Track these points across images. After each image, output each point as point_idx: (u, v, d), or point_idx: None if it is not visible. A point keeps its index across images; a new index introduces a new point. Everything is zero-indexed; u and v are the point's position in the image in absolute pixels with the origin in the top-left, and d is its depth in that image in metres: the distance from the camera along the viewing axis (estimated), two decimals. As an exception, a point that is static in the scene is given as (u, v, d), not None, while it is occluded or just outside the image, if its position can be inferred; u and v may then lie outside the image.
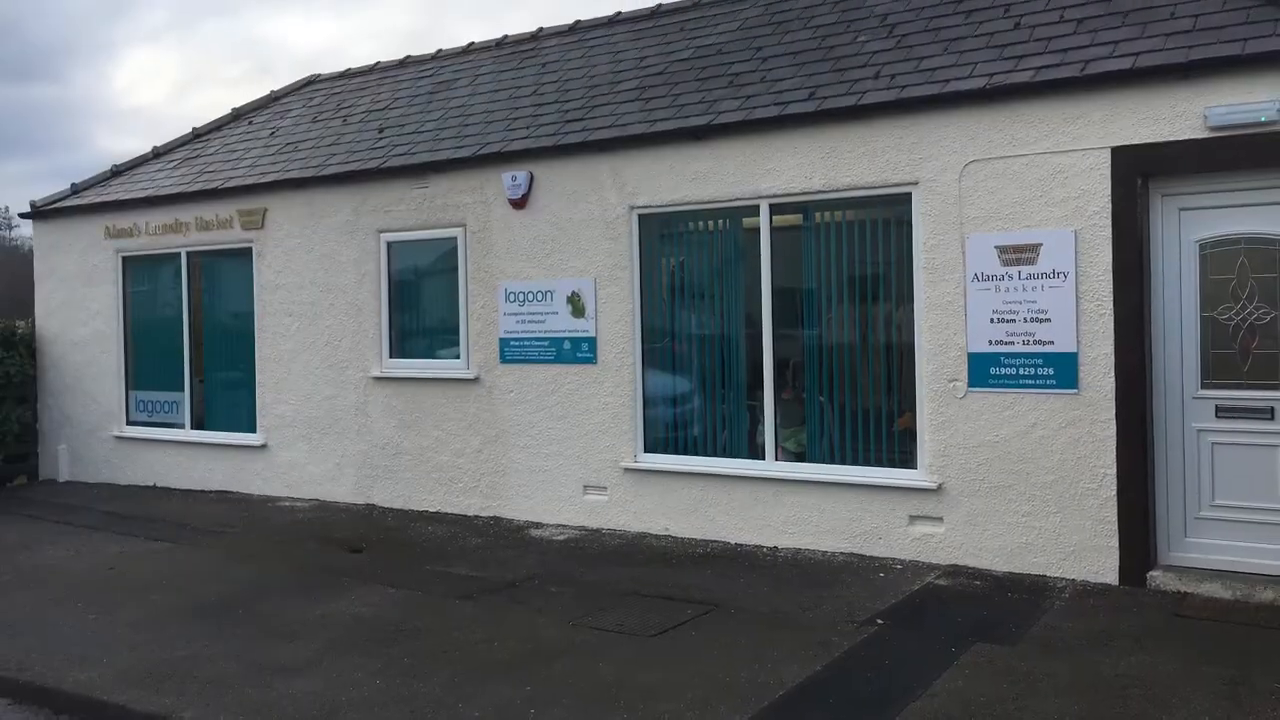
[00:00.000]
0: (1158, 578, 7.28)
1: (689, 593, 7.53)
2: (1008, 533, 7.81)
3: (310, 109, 13.66)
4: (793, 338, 8.85)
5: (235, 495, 11.91)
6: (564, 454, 9.82)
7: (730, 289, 9.16)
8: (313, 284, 11.40)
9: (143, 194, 12.77)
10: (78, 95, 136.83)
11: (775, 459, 8.89)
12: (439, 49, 13.86)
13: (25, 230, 46.68)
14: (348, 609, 7.40)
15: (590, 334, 9.65)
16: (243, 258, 11.99)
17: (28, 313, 14.38)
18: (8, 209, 57.12)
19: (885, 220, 8.42)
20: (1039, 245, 7.65)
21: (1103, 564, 7.46)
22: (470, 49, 13.43)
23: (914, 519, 8.19)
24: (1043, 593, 7.29)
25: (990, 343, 7.86)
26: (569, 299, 9.73)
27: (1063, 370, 7.60)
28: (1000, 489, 7.83)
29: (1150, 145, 7.29)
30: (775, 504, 8.77)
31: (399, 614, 7.25)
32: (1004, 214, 7.80)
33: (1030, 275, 7.69)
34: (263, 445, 11.83)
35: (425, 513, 10.56)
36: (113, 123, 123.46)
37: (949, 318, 8.03)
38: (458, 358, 10.50)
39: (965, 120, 7.93)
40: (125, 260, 12.98)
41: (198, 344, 12.55)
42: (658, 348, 9.51)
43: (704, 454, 9.26)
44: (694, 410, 9.37)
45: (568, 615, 7.09)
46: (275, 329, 11.70)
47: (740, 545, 8.84)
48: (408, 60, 14.00)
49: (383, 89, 13.29)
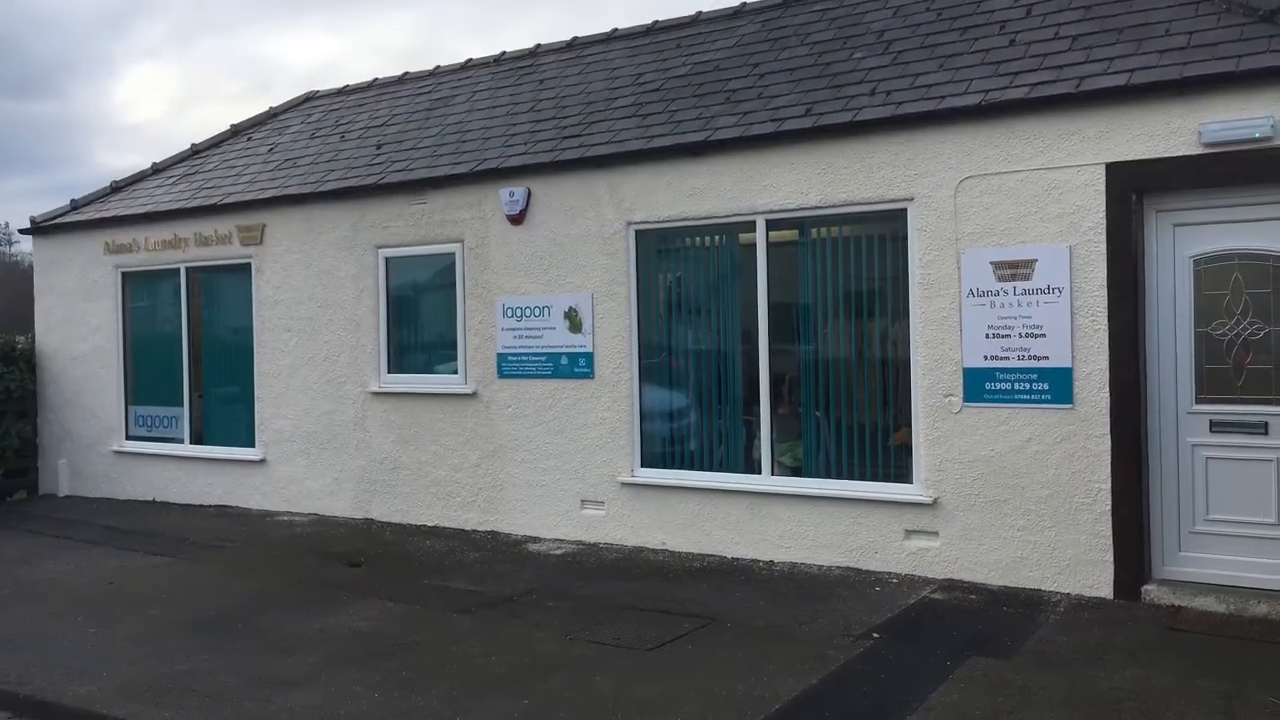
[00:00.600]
0: (1152, 592, 7.31)
1: (686, 607, 7.55)
2: (1003, 547, 7.83)
3: (309, 125, 13.72)
4: (789, 353, 8.89)
5: (234, 510, 11.93)
6: (561, 469, 9.85)
7: (727, 304, 9.20)
8: (311, 299, 11.43)
9: (142, 210, 12.82)
10: (78, 111, 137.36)
11: (771, 474, 8.91)
12: (437, 65, 13.92)
13: (25, 246, 46.70)
14: (346, 623, 7.42)
15: (587, 349, 9.68)
16: (242, 273, 12.03)
17: (28, 328, 14.42)
18: (8, 225, 57.34)
19: (881, 236, 8.46)
20: (1034, 261, 7.69)
21: (1098, 578, 7.48)
22: (468, 65, 13.50)
23: (910, 533, 8.22)
24: (1038, 607, 7.31)
25: (985, 358, 7.89)
26: (566, 314, 9.77)
27: (1058, 385, 7.63)
28: (996, 503, 7.86)
29: (1145, 161, 7.33)
30: (771, 518, 8.79)
31: (397, 628, 7.27)
32: (999, 230, 7.84)
33: (1025, 291, 7.73)
34: (261, 460, 11.86)
35: (423, 527, 10.58)
36: (112, 139, 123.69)
37: (944, 333, 8.07)
38: (456, 373, 10.53)
39: (961, 136, 7.97)
40: (125, 276, 13.03)
41: (197, 359, 12.59)
42: (655, 363, 9.55)
43: (701, 469, 9.29)
44: (691, 425, 9.40)
45: (565, 629, 7.11)
46: (274, 344, 11.74)
47: (737, 559, 8.86)
48: (406, 77, 14.06)
49: (381, 105, 13.35)
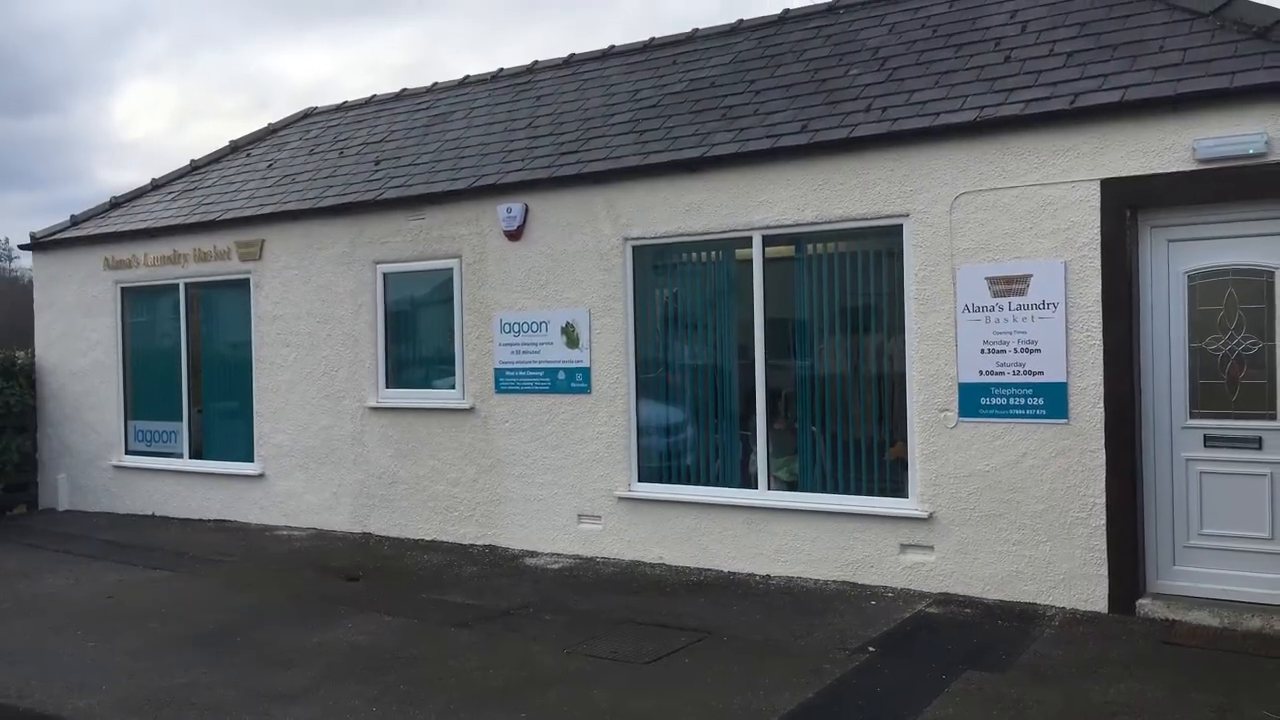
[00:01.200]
0: (1147, 606, 7.33)
1: (682, 620, 7.57)
2: (998, 561, 7.86)
3: (307, 141, 13.78)
4: (785, 368, 8.93)
5: (233, 524, 11.94)
6: (559, 483, 9.88)
7: (723, 319, 9.25)
8: (310, 315, 11.47)
9: (141, 226, 12.87)
10: (77, 128, 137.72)
11: (768, 488, 8.94)
12: (435, 82, 13.99)
13: (25, 262, 46.89)
14: (344, 637, 7.44)
15: (585, 364, 9.72)
16: (240, 289, 12.08)
17: (27, 343, 14.46)
18: (8, 240, 57.63)
19: (877, 251, 8.51)
20: (1029, 276, 7.73)
21: (1092, 592, 7.51)
22: (466, 82, 13.57)
23: (905, 547, 8.24)
24: (1033, 620, 7.34)
25: (981, 373, 7.93)
26: (563, 330, 9.81)
27: (1052, 400, 7.67)
28: (991, 518, 7.89)
29: (1139, 177, 7.36)
30: (768, 533, 8.82)
31: (395, 642, 7.28)
32: (994, 245, 7.88)
33: (1020, 306, 7.77)
34: (260, 474, 11.88)
35: (421, 541, 10.60)
36: (112, 155, 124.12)
37: (940, 348, 8.11)
38: (453, 388, 10.56)
39: (956, 153, 8.02)
40: (124, 291, 13.07)
41: (196, 374, 12.63)
42: (651, 378, 9.58)
43: (697, 483, 9.32)
44: (687, 440, 9.43)
45: (562, 643, 7.12)
46: (273, 359, 11.77)
47: (733, 573, 8.89)
48: (404, 93, 14.13)
49: (379, 122, 13.41)
